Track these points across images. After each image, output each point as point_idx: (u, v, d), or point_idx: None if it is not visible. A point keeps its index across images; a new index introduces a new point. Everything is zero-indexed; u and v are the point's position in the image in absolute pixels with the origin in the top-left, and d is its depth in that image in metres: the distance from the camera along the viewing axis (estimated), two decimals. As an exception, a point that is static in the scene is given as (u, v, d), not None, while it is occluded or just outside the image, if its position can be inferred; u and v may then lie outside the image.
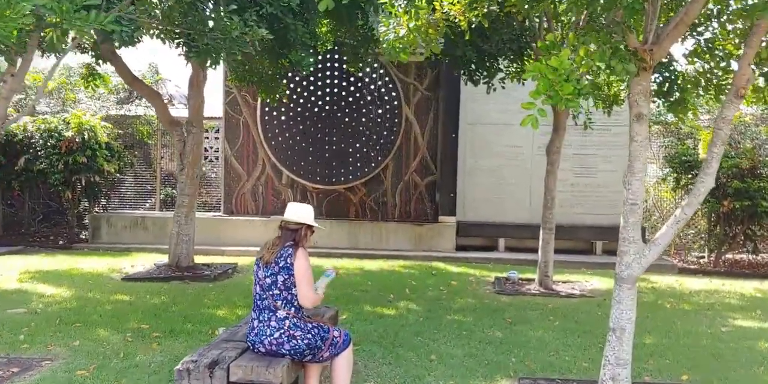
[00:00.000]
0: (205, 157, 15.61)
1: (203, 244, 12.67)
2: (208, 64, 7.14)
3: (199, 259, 11.55)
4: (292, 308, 4.70)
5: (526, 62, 10.38)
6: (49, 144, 12.88)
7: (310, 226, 4.89)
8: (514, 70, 10.47)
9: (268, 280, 4.70)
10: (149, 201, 15.28)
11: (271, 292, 4.69)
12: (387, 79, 13.85)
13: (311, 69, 8.80)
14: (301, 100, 13.98)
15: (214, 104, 14.82)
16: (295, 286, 4.69)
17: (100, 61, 10.33)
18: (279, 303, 4.67)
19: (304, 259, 4.73)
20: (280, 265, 4.66)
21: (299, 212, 4.85)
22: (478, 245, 13.64)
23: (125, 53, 13.07)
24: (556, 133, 9.99)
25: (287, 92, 13.50)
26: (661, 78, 9.78)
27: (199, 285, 9.34)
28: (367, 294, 8.99)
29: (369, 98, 13.90)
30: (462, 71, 9.73)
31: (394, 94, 13.88)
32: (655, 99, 9.92)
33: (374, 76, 13.83)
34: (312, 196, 14.00)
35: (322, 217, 13.62)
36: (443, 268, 11.46)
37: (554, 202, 10.02)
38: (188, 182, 10.14)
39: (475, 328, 7.25)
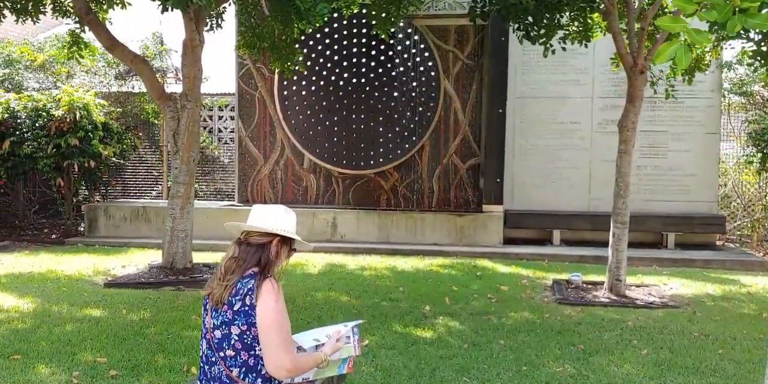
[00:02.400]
0: (219, 139, 13.96)
1: (212, 239, 11.07)
2: (188, 7, 5.38)
3: (202, 258, 9.92)
4: (258, 380, 2.91)
5: (590, 20, 8.49)
6: (37, 125, 11.32)
7: (286, 240, 3.07)
8: (576, 29, 8.52)
9: (218, 333, 2.93)
10: (156, 189, 13.68)
11: (222, 353, 2.91)
12: (422, 46, 12.01)
13: (326, 20, 7.02)
14: (324, 72, 12.21)
15: (226, 78, 13.14)
16: (259, 344, 2.87)
17: (86, 27, 8.70)
18: (235, 372, 2.89)
19: (275, 297, 2.90)
20: (235, 308, 2.88)
21: (269, 216, 3.07)
22: (528, 238, 11.80)
23: (125, 20, 11.42)
24: (631, 104, 8.09)
25: (307, 63, 11.78)
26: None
27: (194, 293, 7.68)
28: (397, 305, 7.24)
29: (402, 69, 12.08)
30: (515, 25, 7.83)
31: (430, 63, 12.04)
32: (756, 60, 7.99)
33: (408, 43, 11.98)
34: (337, 183, 12.27)
35: (348, 207, 11.90)
36: (489, 268, 9.65)
37: (628, 190, 8.14)
38: (183, 168, 8.47)
39: (539, 359, 5.45)
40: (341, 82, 12.19)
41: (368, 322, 6.43)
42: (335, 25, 12.03)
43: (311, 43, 12.08)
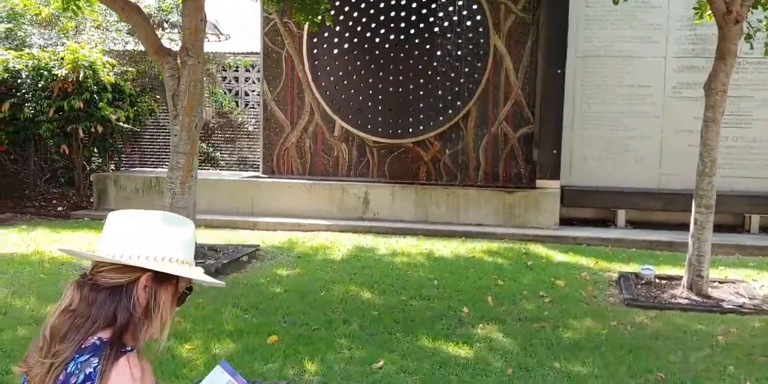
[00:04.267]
0: (245, 104, 12.72)
1: (232, 215, 9.96)
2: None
3: (215, 236, 8.78)
4: None
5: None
6: (39, 85, 10.21)
7: (168, 277, 1.73)
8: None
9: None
10: (175, 157, 12.55)
11: None
12: (470, -3, 10.51)
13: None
14: (358, 28, 10.81)
15: (251, 36, 11.84)
16: None
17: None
18: None
19: None
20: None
21: (134, 232, 1.73)
22: (588, 218, 10.34)
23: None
24: (721, 62, 6.58)
25: (339, 17, 10.41)
26: None
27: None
28: (429, 306, 5.94)
29: (446, 24, 10.60)
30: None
31: (479, 17, 10.53)
32: None
33: (453, -7, 10.50)
34: (371, 153, 10.94)
35: (383, 180, 10.59)
36: (542, 255, 8.27)
37: (715, 167, 6.67)
38: (183, 135, 7.24)
39: (607, 395, 4.13)
40: (377, 40, 10.78)
41: (388, 332, 5.16)
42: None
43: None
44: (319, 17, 8.70)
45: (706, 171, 6.61)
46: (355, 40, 10.84)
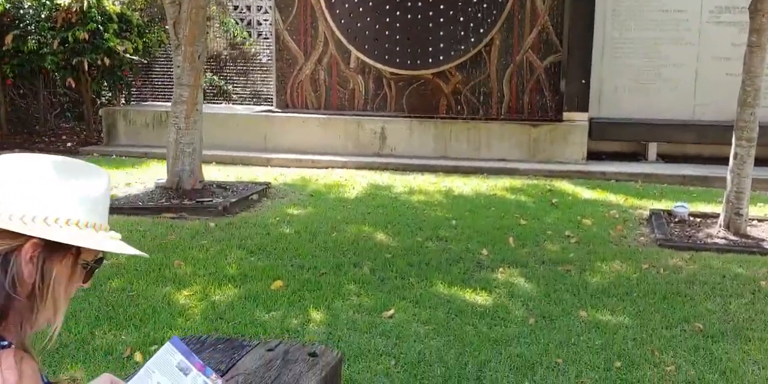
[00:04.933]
0: (258, 34, 12.17)
1: (244, 151, 9.58)
2: None
3: (227, 174, 8.44)
4: None
5: None
6: (42, 16, 9.74)
7: (62, 246, 1.25)
8: None
9: None
10: (186, 91, 12.11)
11: None
12: None
13: None
14: (374, -50, 10.14)
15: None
16: None
17: None
18: None
19: None
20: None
21: (11, 187, 1.23)
22: (617, 152, 9.86)
23: None
24: (771, -20, 5.92)
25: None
26: None
27: (194, 224, 6.17)
28: (446, 248, 5.58)
29: (468, -55, 9.90)
30: None
31: (503, -64, 9.81)
32: None
33: None
34: (389, 85, 10.42)
35: (401, 114, 10.11)
36: (569, 192, 7.83)
37: (759, 96, 6.12)
38: (186, 66, 6.80)
39: (637, 348, 3.75)
40: (395, -37, 10.12)
41: (401, 276, 4.81)
42: None
43: None
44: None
45: (748, 101, 6.07)
46: (371, -37, 10.17)
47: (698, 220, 6.62)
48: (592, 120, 9.57)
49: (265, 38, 12.07)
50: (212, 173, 8.46)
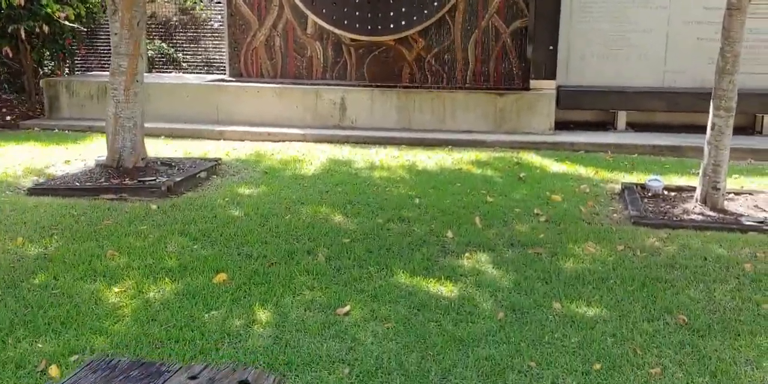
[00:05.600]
0: (210, -2, 11.52)
1: (195, 123, 9.04)
2: None
3: (174, 147, 7.95)
4: None
5: None
6: (-28, -21, 9.01)
7: None
8: None
9: None
10: (134, 59, 11.44)
11: None
12: None
13: None
14: None
15: None
16: None
17: None
18: None
19: None
20: None
21: None
22: (586, 121, 9.49)
23: None
24: (752, -64, 5.52)
25: None
26: None
27: (135, 205, 5.68)
28: (408, 230, 5.17)
29: None
30: None
31: None
32: None
33: None
34: (349, 52, 9.90)
35: (362, 83, 9.63)
36: (536, 165, 7.46)
37: (738, 63, 5.73)
38: (125, 34, 6.23)
39: (617, 347, 3.40)
40: None
41: (359, 265, 4.40)
42: None
43: None
44: None
45: (727, 68, 5.69)
46: None
47: (673, 194, 6.30)
48: (560, 88, 9.18)
49: (217, 2, 11.43)
50: (160, 148, 7.94)
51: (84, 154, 7.59)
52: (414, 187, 6.47)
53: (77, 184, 6.26)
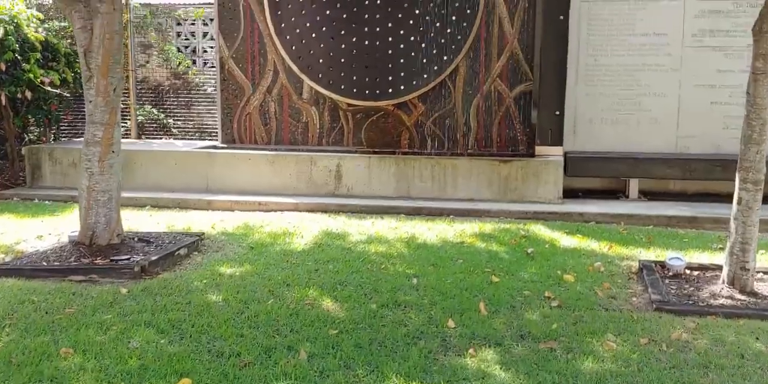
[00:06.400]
0: (204, 63, 11.22)
1: (183, 191, 8.59)
2: None
3: (158, 219, 7.46)
4: None
5: None
6: (-45, 44, 8.72)
7: None
8: None
9: None
10: (124, 125, 11.06)
11: None
12: (456, -68, 8.98)
13: None
14: (327, -29, 9.30)
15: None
16: None
17: None
18: None
19: None
20: None
21: None
22: (595, 189, 9.01)
23: None
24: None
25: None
26: None
27: (105, 289, 5.14)
28: (404, 318, 4.60)
29: (429, -35, 9.11)
30: None
31: (467, -44, 9.03)
32: None
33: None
34: (346, 118, 9.52)
35: (359, 149, 9.21)
36: (545, 238, 6.92)
37: (765, 131, 5.24)
38: (100, 102, 5.82)
39: None
40: (350, -16, 9.28)
41: (346, 365, 3.82)
42: None
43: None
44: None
45: (753, 137, 5.21)
46: (324, -15, 9.33)
47: (696, 273, 5.74)
48: (567, 154, 8.73)
49: (211, 67, 11.13)
50: (142, 221, 7.45)
51: (59, 228, 7.09)
52: (412, 263, 5.93)
53: (45, 263, 5.72)
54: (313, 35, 9.43)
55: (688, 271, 5.75)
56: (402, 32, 9.25)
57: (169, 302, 4.83)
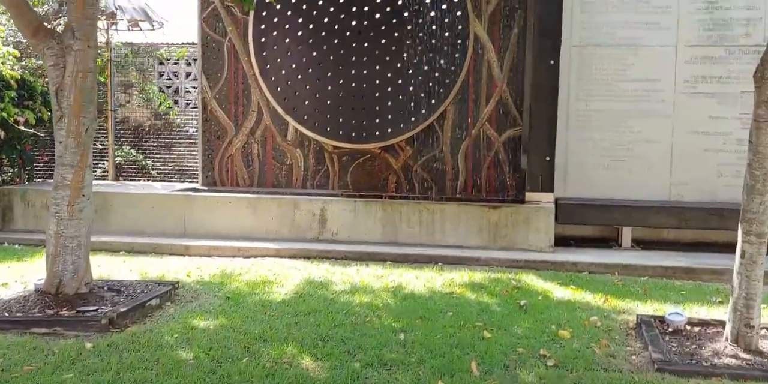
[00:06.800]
0: (187, 103, 10.99)
1: (160, 236, 8.25)
2: None
3: (131, 267, 7.09)
4: None
5: None
6: (-74, 83, 8.43)
7: None
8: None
9: None
10: (101, 166, 10.74)
11: None
12: (445, -25, 8.88)
13: None
14: (314, 12, 9.15)
15: (187, 22, 10.13)
16: None
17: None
18: None
19: None
20: None
21: None
22: (587, 237, 8.75)
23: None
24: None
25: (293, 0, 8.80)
26: None
27: (69, 343, 4.77)
28: (390, 379, 4.25)
29: (417, 7, 8.97)
30: None
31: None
32: None
33: (425, -30, 8.86)
34: (332, 160, 9.26)
35: (345, 193, 8.93)
36: (538, 289, 6.62)
37: (768, 181, 5.01)
38: (71, 143, 5.53)
39: None
40: (336, 26, 9.11)
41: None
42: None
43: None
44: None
45: (757, 187, 4.97)
46: (311, 25, 9.16)
47: (697, 329, 5.43)
48: (559, 201, 8.48)
49: (193, 107, 10.90)
50: (115, 268, 7.09)
51: (27, 276, 6.72)
52: (399, 316, 5.60)
53: (6, 314, 5.34)
54: (299, 76, 9.23)
55: (688, 327, 5.45)
56: (389, 75, 9.07)
57: (135, 359, 4.46)
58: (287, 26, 9.18)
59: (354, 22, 9.08)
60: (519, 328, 5.39)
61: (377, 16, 9.03)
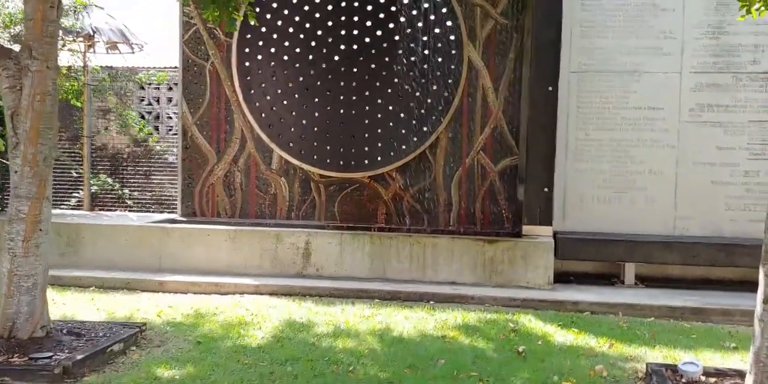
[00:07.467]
0: (168, 129, 10.52)
1: (133, 271, 7.74)
2: None
3: (98, 305, 6.57)
4: None
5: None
6: None
7: None
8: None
9: None
10: (76, 195, 10.23)
11: None
12: (439, -3, 8.50)
13: None
14: (302, 36, 8.74)
15: (168, 45, 9.71)
16: None
17: None
18: None
19: None
20: None
21: None
22: (588, 273, 8.27)
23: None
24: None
25: (278, 21, 8.43)
26: None
27: (12, 399, 4.25)
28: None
29: (410, 31, 8.57)
30: None
31: (450, 23, 8.52)
32: None
33: (417, -8, 8.49)
34: (318, 190, 8.79)
35: (331, 225, 8.45)
36: (537, 333, 6.11)
37: (791, 218, 4.54)
38: (27, 172, 5.03)
39: None
40: (325, 50, 8.70)
41: None
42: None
43: (282, -7, 8.62)
44: (241, 13, 6.60)
45: (780, 221, 4.52)
46: (298, 49, 8.74)
47: (713, 380, 4.93)
48: (558, 235, 8.00)
49: (174, 134, 10.44)
50: (80, 306, 6.56)
51: (-18, 314, 6.17)
52: (386, 365, 5.08)
53: (-53, 362, 4.81)
54: (285, 102, 8.79)
55: (703, 378, 4.94)
56: (380, 101, 8.64)
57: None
58: (272, 50, 8.77)
59: (343, 46, 8.67)
60: (518, 378, 4.88)
61: (367, 40, 8.63)
